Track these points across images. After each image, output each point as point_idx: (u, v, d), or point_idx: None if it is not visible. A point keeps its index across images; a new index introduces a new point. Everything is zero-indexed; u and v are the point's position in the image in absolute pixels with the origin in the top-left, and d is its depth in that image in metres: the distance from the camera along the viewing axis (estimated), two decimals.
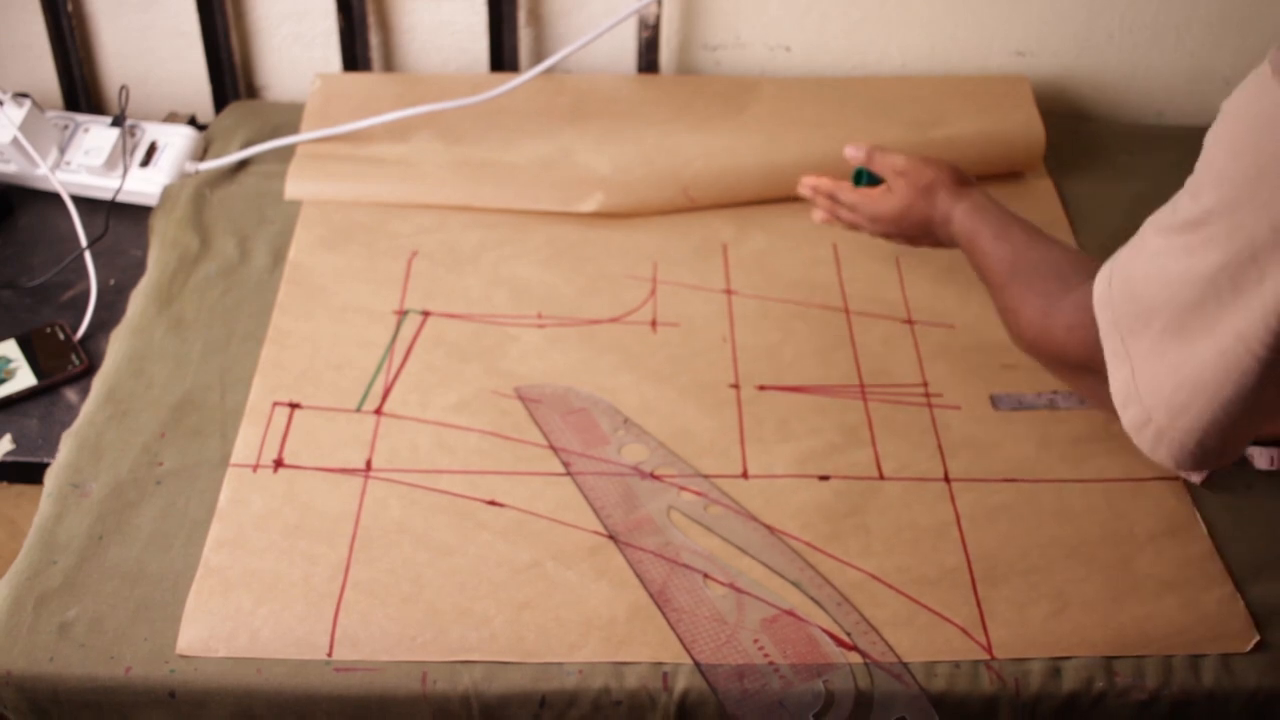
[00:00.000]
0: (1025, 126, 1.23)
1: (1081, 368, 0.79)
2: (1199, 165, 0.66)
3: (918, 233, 1.01)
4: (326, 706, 0.79)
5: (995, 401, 0.99)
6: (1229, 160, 0.63)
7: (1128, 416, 0.71)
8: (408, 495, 0.90)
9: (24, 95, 1.15)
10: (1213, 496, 0.92)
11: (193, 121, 1.27)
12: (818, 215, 1.09)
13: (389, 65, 1.33)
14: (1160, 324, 0.67)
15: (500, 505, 0.90)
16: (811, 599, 0.85)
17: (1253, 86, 0.62)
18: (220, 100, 1.31)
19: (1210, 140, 0.65)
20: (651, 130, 1.22)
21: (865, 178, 1.07)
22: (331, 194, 1.16)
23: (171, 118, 1.27)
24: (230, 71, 1.30)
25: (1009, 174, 1.22)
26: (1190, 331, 0.66)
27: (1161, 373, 0.68)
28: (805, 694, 0.80)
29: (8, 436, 0.96)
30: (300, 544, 0.86)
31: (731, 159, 1.18)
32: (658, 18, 1.28)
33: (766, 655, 0.81)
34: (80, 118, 1.20)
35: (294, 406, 0.96)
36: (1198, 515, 0.91)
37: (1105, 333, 0.72)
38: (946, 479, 0.93)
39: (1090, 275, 0.76)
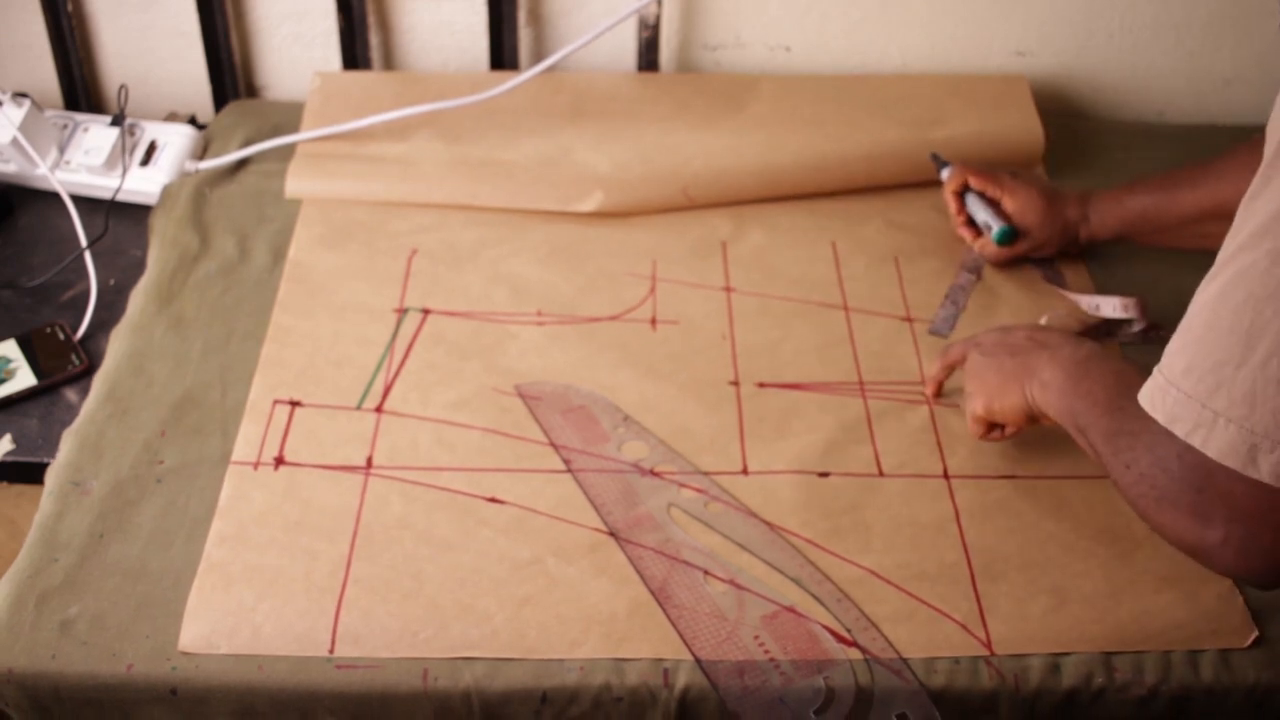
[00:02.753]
0: (1024, 126, 1.23)
1: (1190, 509, 0.68)
2: (1267, 163, 0.61)
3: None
4: (328, 703, 0.80)
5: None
6: None
7: (1265, 468, 0.62)
8: (408, 492, 0.90)
9: (24, 95, 1.15)
10: None
11: (193, 121, 1.27)
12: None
13: (389, 65, 1.33)
14: (1264, 348, 0.61)
15: (501, 502, 0.90)
16: (811, 595, 0.85)
17: None
18: (220, 100, 1.31)
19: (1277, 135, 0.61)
20: (651, 129, 1.22)
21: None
22: (331, 192, 1.16)
23: (171, 117, 1.27)
24: (230, 71, 1.30)
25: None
26: None
27: (1266, 383, 0.61)
28: (805, 690, 0.80)
29: (8, 436, 0.96)
30: (301, 541, 0.86)
31: (731, 159, 1.18)
32: (658, 18, 1.28)
33: (767, 652, 0.81)
34: (80, 117, 1.20)
35: (294, 404, 0.96)
36: None
37: (1173, 417, 0.65)
38: (946, 475, 0.93)
39: None
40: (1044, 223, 1.08)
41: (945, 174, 1.14)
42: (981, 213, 1.09)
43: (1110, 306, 1.03)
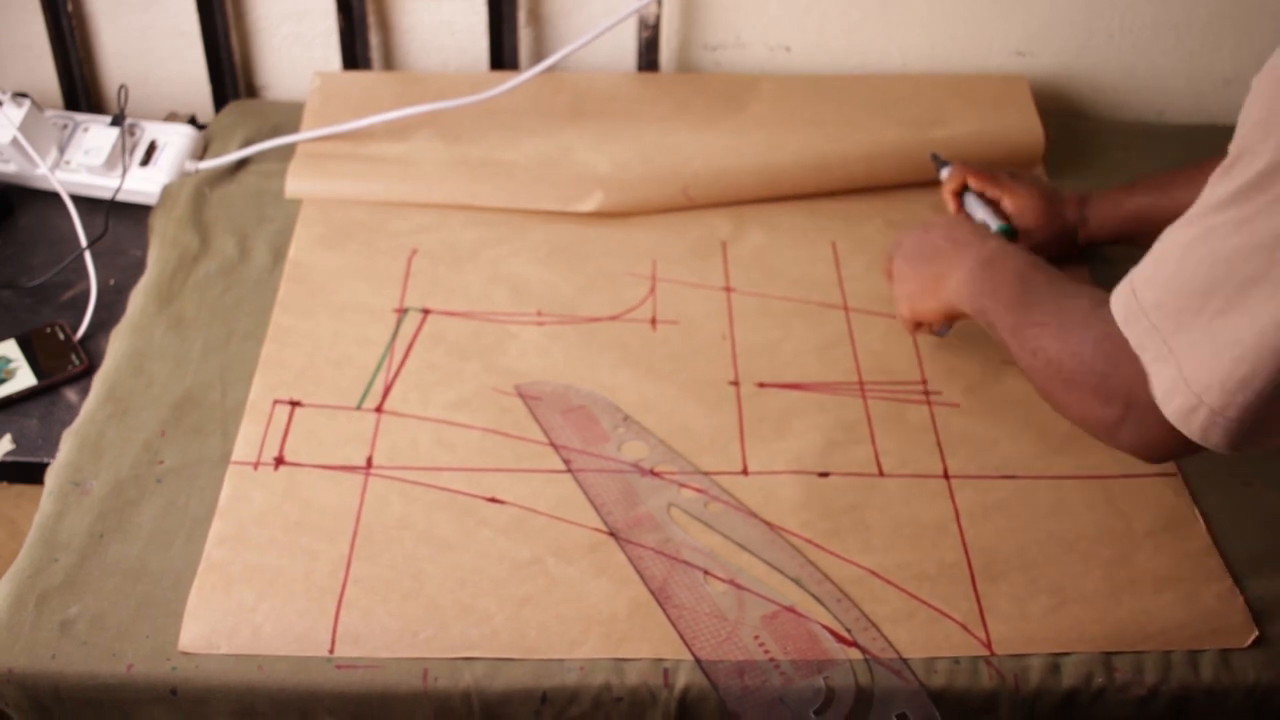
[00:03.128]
0: (1024, 126, 1.23)
1: (1094, 390, 0.75)
2: (1238, 141, 0.65)
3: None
4: (328, 703, 0.80)
5: None
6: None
7: (1172, 407, 0.68)
8: (408, 492, 0.90)
9: (23, 95, 1.15)
10: (1211, 492, 0.93)
11: (193, 121, 1.27)
12: None
13: (389, 65, 1.33)
14: (1215, 305, 0.65)
15: (501, 502, 0.90)
16: (811, 595, 0.85)
17: None
18: (220, 100, 1.31)
19: (1253, 113, 0.64)
20: (651, 129, 1.22)
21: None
22: (331, 192, 1.16)
23: (171, 118, 1.27)
24: (230, 71, 1.30)
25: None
26: (1251, 301, 0.64)
27: (1215, 353, 0.65)
28: (806, 690, 0.80)
29: (8, 436, 0.96)
30: (301, 541, 0.86)
31: (731, 159, 1.18)
32: (658, 18, 1.28)
33: (767, 651, 0.81)
34: (80, 117, 1.20)
35: (294, 404, 0.96)
36: (1196, 511, 0.91)
37: (1141, 343, 0.69)
38: (946, 475, 0.93)
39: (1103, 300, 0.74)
40: (1043, 223, 1.08)
41: (945, 174, 1.14)
42: (980, 212, 1.09)
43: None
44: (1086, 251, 1.12)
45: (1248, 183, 0.63)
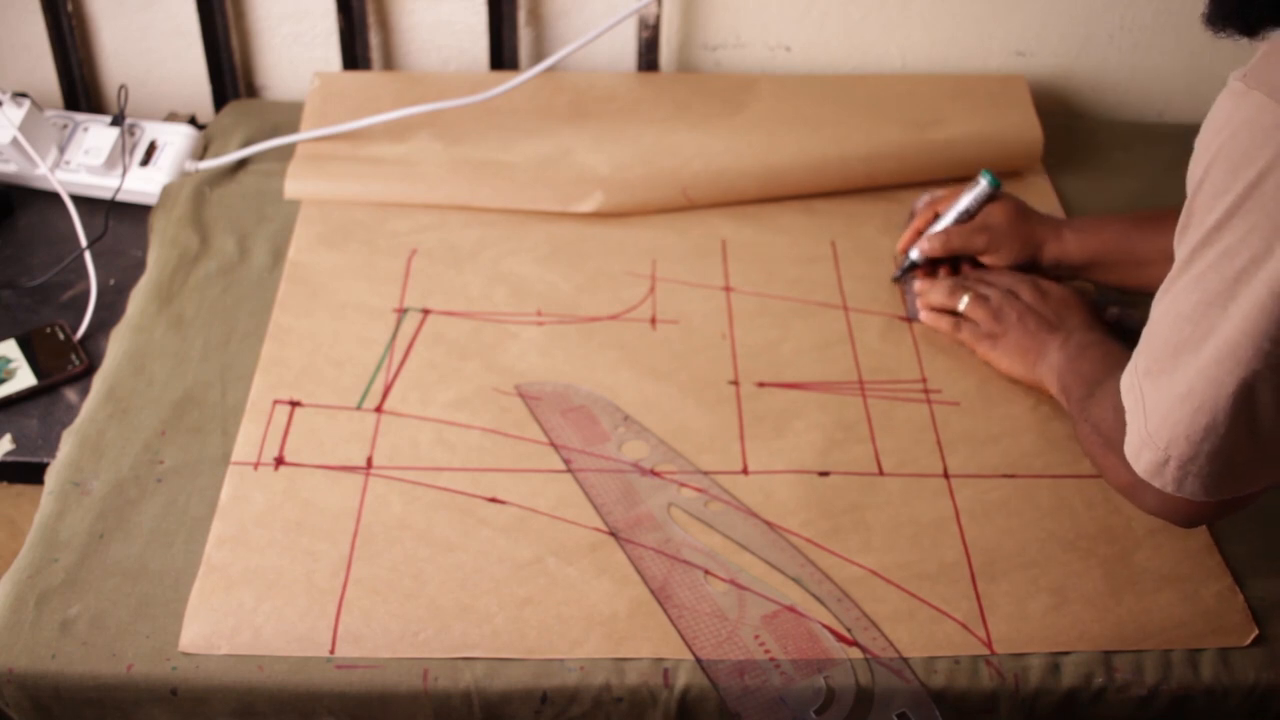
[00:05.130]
0: (1023, 125, 1.23)
1: (1119, 453, 0.77)
2: (1191, 201, 0.67)
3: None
4: (328, 703, 0.80)
5: None
6: (1228, 173, 0.64)
7: (1142, 464, 0.72)
8: (409, 492, 0.90)
9: (23, 95, 1.15)
10: None
11: (193, 121, 1.27)
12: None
13: (389, 65, 1.33)
14: (1180, 361, 0.68)
15: (501, 502, 0.90)
16: (812, 595, 0.85)
17: (1226, 104, 0.65)
18: (220, 100, 1.31)
19: (1198, 172, 0.67)
20: (650, 129, 1.22)
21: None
22: (331, 193, 1.16)
23: (171, 118, 1.27)
24: (230, 71, 1.30)
25: (1008, 173, 1.22)
26: (1207, 351, 0.66)
27: (1174, 404, 0.68)
28: (806, 690, 0.80)
29: (8, 436, 0.96)
30: (302, 541, 0.86)
31: (730, 159, 1.18)
32: (658, 18, 1.28)
33: (767, 651, 0.81)
34: (80, 117, 1.20)
35: (294, 405, 0.96)
36: None
37: (1130, 408, 0.72)
38: (945, 474, 0.94)
39: None
40: (1009, 228, 1.06)
41: (914, 255, 1.10)
42: (953, 211, 1.09)
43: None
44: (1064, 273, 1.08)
45: (1200, 241, 0.66)
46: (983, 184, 1.07)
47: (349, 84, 1.27)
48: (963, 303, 1.03)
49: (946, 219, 1.09)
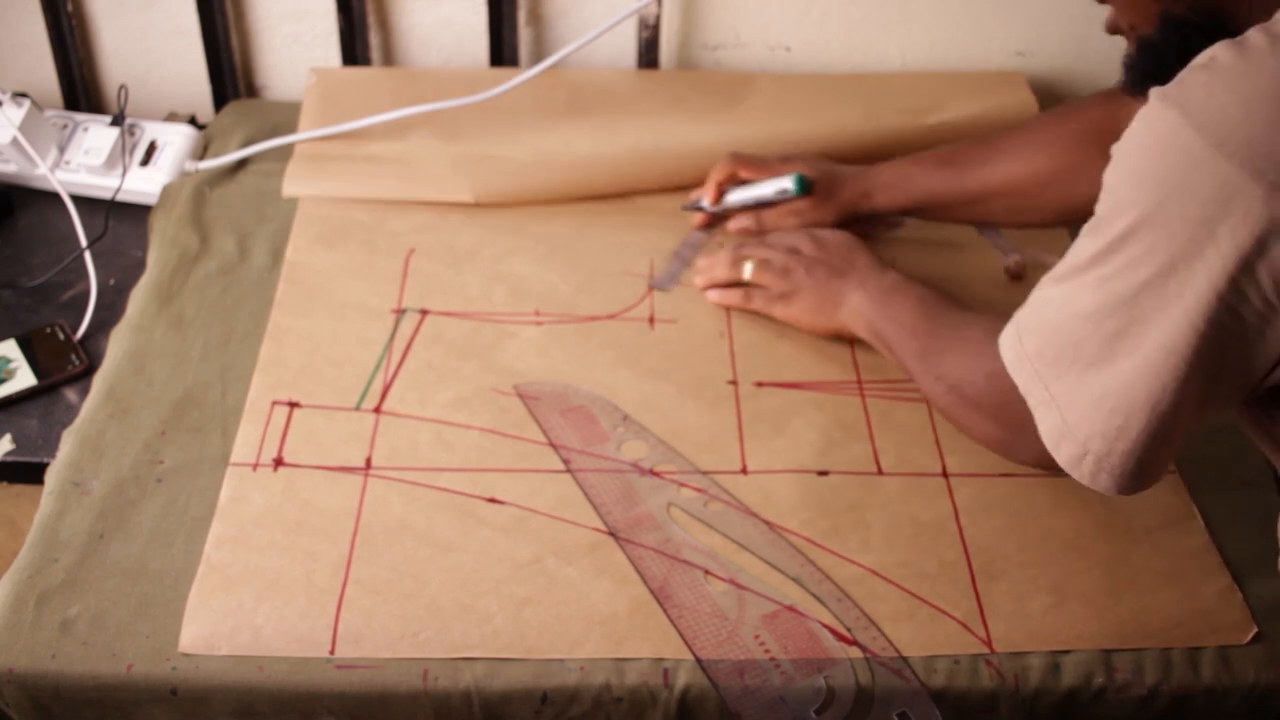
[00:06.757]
0: (1022, 110, 1.24)
1: (993, 416, 0.83)
2: (1102, 204, 0.69)
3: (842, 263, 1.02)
4: (328, 703, 0.80)
5: None
6: (1134, 188, 0.66)
7: (1063, 455, 0.73)
8: (408, 493, 0.90)
9: (23, 95, 1.15)
10: (1210, 491, 0.93)
11: (193, 121, 1.27)
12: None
13: (389, 65, 1.33)
14: (1085, 359, 0.70)
15: (500, 502, 0.90)
16: (812, 594, 0.85)
17: (1143, 120, 0.66)
18: (220, 100, 1.31)
19: (1111, 179, 0.68)
20: (647, 123, 1.22)
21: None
22: (329, 191, 1.16)
23: (171, 118, 1.27)
24: (230, 71, 1.30)
25: None
26: (1117, 356, 0.69)
27: (1092, 404, 0.71)
28: (806, 689, 0.80)
29: (8, 436, 0.96)
30: (301, 541, 0.86)
31: (726, 151, 1.18)
32: (658, 17, 1.28)
33: (767, 651, 0.81)
34: (80, 117, 1.20)
35: (293, 405, 0.96)
36: (1195, 508, 0.91)
37: (1027, 388, 0.74)
38: (944, 474, 0.94)
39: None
40: (816, 200, 1.08)
41: (704, 202, 1.12)
42: (750, 192, 1.10)
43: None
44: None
45: (1108, 244, 0.67)
46: (789, 186, 1.07)
47: (346, 80, 1.27)
48: (747, 270, 1.04)
49: (743, 195, 1.10)
